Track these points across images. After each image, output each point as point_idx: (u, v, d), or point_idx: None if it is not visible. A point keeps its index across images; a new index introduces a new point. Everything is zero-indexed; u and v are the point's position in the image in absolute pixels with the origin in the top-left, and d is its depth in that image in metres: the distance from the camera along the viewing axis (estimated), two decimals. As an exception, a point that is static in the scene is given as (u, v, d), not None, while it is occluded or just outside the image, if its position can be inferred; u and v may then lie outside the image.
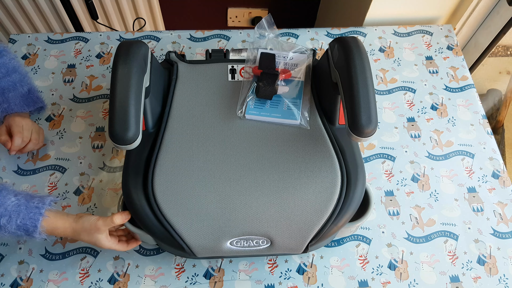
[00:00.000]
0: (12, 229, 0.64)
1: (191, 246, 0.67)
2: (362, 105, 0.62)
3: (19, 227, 0.64)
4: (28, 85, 0.85)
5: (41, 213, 0.65)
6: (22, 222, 0.64)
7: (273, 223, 0.67)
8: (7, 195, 0.65)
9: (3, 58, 0.81)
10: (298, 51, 0.81)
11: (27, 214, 0.64)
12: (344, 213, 0.68)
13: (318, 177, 0.69)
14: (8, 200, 0.64)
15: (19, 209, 0.64)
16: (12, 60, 0.82)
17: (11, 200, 0.64)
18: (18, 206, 0.64)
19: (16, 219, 0.63)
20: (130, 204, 0.68)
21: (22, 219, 0.64)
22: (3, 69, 0.81)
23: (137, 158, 0.70)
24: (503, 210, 0.85)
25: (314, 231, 0.67)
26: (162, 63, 0.82)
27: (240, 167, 0.70)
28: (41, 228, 0.65)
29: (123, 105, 0.62)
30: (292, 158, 0.70)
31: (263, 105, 0.75)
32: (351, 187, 0.69)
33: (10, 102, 0.82)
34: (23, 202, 0.65)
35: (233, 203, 0.67)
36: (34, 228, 0.64)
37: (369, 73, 0.65)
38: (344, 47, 0.68)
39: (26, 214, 0.64)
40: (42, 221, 0.65)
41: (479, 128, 0.95)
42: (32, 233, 0.65)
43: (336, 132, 0.74)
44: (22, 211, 0.64)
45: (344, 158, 0.71)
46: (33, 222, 0.64)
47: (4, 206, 0.63)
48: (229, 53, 0.84)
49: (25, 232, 0.65)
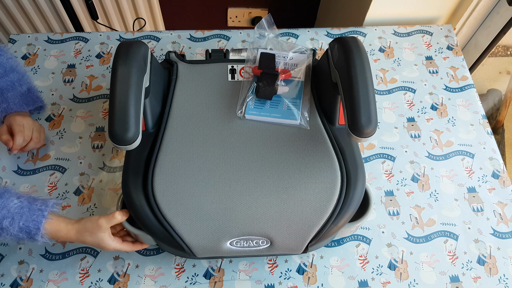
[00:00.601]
0: (14, 231, 0.63)
1: (191, 246, 0.67)
2: (362, 105, 0.62)
3: (22, 229, 0.63)
4: (27, 84, 0.85)
5: (44, 215, 0.65)
6: (25, 224, 0.63)
7: (273, 223, 0.67)
8: (10, 197, 0.64)
9: (1, 57, 0.81)
10: (298, 51, 0.81)
11: (30, 216, 0.64)
12: (344, 213, 0.68)
13: (318, 177, 0.69)
14: (11, 202, 0.64)
15: (22, 211, 0.64)
16: (10, 60, 0.82)
17: (14, 202, 0.64)
18: (21, 208, 0.64)
19: (19, 221, 0.63)
20: (130, 204, 0.68)
21: (25, 221, 0.63)
22: (0, 69, 0.81)
23: (137, 158, 0.70)
24: (503, 210, 0.85)
25: (314, 231, 0.67)
26: (162, 63, 0.82)
27: (240, 167, 0.70)
28: (43, 230, 0.64)
29: (123, 106, 0.62)
30: (292, 158, 0.70)
31: (263, 105, 0.75)
32: (351, 187, 0.69)
33: (9, 101, 0.82)
34: (26, 205, 0.64)
35: (233, 203, 0.67)
36: (37, 230, 0.64)
37: (369, 73, 0.65)
38: (344, 47, 0.68)
39: (29, 216, 0.64)
40: (45, 223, 0.65)
41: (479, 128, 0.95)
42: (34, 236, 0.64)
43: (336, 132, 0.74)
44: (25, 213, 0.64)
45: (344, 158, 0.71)
46: (36, 224, 0.64)
47: (7, 208, 0.63)
48: (229, 53, 0.84)
49: (27, 234, 0.64)
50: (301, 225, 0.67)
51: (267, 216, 0.67)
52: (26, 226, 0.63)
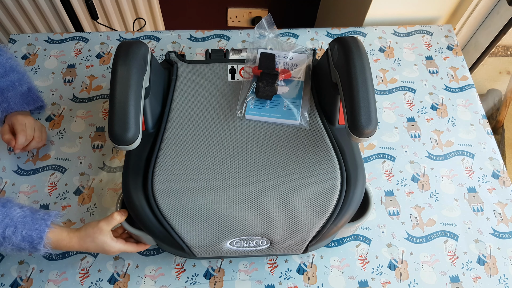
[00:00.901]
0: (17, 240, 0.63)
1: (191, 246, 0.67)
2: (362, 105, 0.62)
3: (24, 238, 0.63)
4: (27, 84, 0.85)
5: (47, 225, 0.65)
6: (28, 233, 0.63)
7: (273, 223, 0.67)
8: (13, 206, 0.64)
9: (1, 57, 0.81)
10: (298, 51, 0.81)
11: (33, 225, 0.64)
12: (344, 214, 0.68)
13: (318, 177, 0.69)
14: (14, 211, 0.64)
15: (25, 220, 0.64)
16: (10, 60, 0.82)
17: (16, 211, 0.64)
18: (24, 217, 0.64)
19: (22, 230, 0.63)
20: (130, 204, 0.68)
21: (28, 230, 0.63)
22: (0, 68, 0.81)
23: (137, 158, 0.70)
24: (503, 210, 0.85)
25: (314, 232, 0.67)
26: (162, 63, 0.82)
27: (240, 167, 0.70)
28: (46, 240, 0.64)
29: (122, 106, 0.62)
30: (292, 158, 0.70)
31: (263, 105, 0.75)
32: (351, 188, 0.69)
33: (10, 101, 0.82)
34: (28, 214, 0.65)
35: (233, 203, 0.67)
36: (40, 239, 0.64)
37: (369, 74, 0.65)
38: (344, 47, 0.68)
39: (32, 225, 0.64)
40: (48, 232, 0.64)
41: (479, 128, 0.95)
42: (36, 245, 0.64)
43: (336, 132, 0.73)
44: (28, 222, 0.64)
45: (344, 158, 0.71)
46: (39, 233, 0.64)
47: (10, 216, 0.63)
48: (229, 53, 0.84)
49: (29, 244, 0.64)
50: (301, 225, 0.67)
51: (267, 216, 0.67)
52: (28, 235, 0.63)
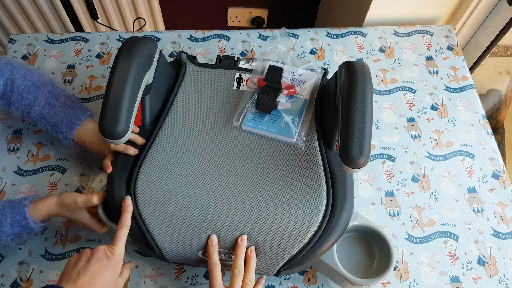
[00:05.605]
0: (8, 230, 0.68)
1: (162, 249, 0.67)
2: (356, 135, 0.60)
3: (12, 224, 0.68)
4: (62, 93, 0.82)
5: (25, 205, 0.69)
6: (12, 220, 0.68)
7: (248, 241, 0.66)
8: None
9: (32, 77, 0.79)
10: (309, 68, 0.79)
11: (12, 211, 0.68)
12: (323, 242, 0.65)
13: (302, 201, 0.67)
14: None
15: (4, 211, 0.69)
16: (41, 76, 0.81)
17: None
18: (3, 209, 0.69)
19: (6, 219, 0.68)
20: (111, 195, 0.68)
21: (11, 217, 0.68)
22: (45, 91, 0.79)
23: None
24: (503, 210, 0.85)
25: (287, 256, 0.65)
26: (172, 62, 0.81)
27: (226, 178, 0.68)
28: (30, 217, 0.69)
29: (116, 100, 0.62)
30: (280, 177, 0.69)
31: (262, 118, 0.74)
32: (335, 217, 0.66)
33: (69, 116, 0.79)
34: (6, 205, 0.70)
35: (211, 214, 0.66)
36: (25, 219, 0.68)
37: (370, 103, 0.63)
38: (350, 71, 0.66)
39: (12, 211, 0.68)
40: (28, 209, 0.69)
41: (479, 128, 0.95)
42: (27, 225, 0.69)
43: (331, 156, 0.71)
44: (8, 211, 0.68)
45: (334, 185, 0.68)
46: (22, 215, 0.68)
47: None
48: (240, 61, 0.83)
49: (21, 227, 0.69)
50: (276, 248, 0.65)
51: (243, 233, 0.66)
52: (14, 220, 0.68)
